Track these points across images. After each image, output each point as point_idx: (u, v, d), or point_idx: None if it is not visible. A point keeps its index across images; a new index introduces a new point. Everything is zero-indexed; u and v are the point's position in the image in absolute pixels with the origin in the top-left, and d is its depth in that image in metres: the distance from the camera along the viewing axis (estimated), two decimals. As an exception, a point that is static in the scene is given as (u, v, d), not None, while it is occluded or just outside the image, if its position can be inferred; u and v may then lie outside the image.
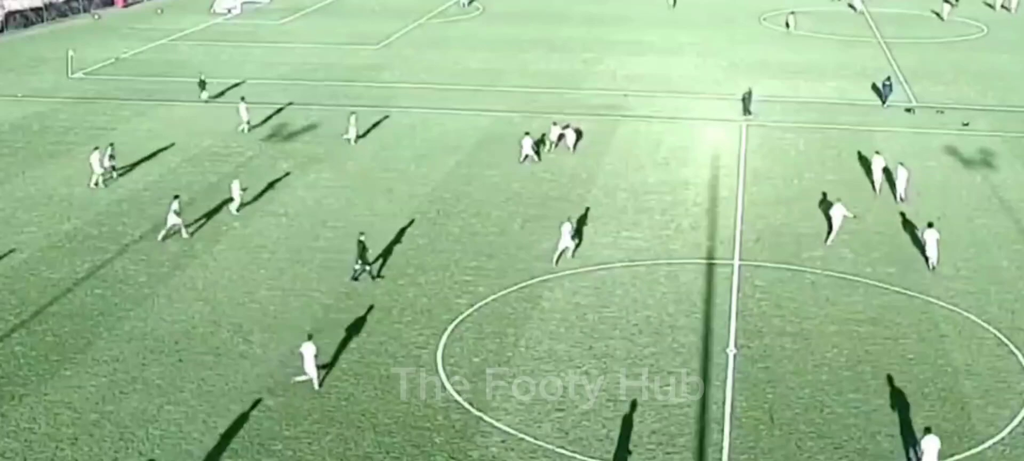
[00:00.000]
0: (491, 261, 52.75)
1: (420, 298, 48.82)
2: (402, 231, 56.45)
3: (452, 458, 36.95)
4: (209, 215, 58.32)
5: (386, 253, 53.56)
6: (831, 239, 55.28)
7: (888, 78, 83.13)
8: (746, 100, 78.67)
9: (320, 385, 41.35)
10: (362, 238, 50.77)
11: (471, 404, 40.19)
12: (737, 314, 47.57)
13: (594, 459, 36.98)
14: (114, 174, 64.14)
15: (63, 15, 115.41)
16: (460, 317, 46.99)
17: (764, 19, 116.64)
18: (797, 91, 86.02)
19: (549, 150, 69.28)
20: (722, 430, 38.78)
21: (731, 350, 44.42)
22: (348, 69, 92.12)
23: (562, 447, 37.62)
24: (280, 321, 46.45)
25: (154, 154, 68.48)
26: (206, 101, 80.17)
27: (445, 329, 45.88)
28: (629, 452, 37.43)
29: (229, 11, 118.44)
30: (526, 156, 67.29)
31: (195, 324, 46.14)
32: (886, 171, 64.05)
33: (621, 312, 47.62)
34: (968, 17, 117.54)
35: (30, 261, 52.41)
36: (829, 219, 56.39)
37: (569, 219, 55.00)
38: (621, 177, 64.89)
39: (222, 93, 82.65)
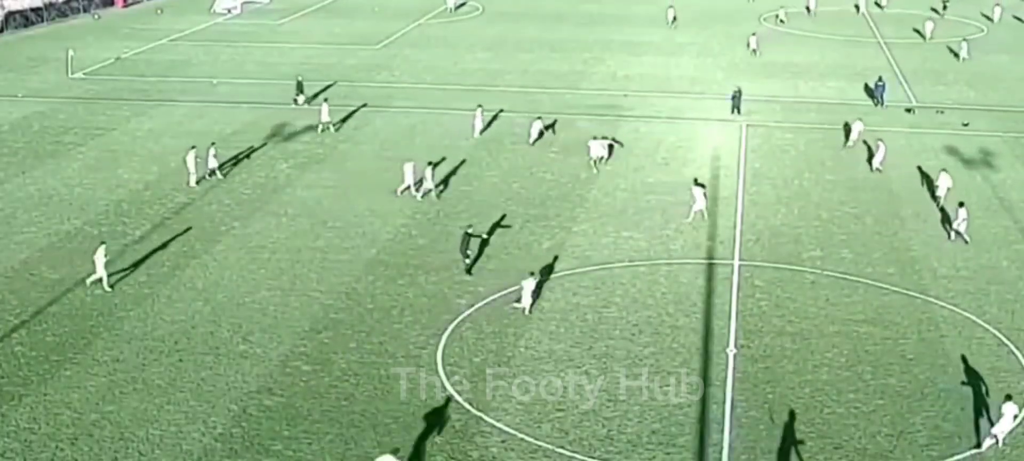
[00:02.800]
0: (491, 261, 52.74)
1: (420, 298, 48.82)
2: (403, 231, 56.47)
3: (452, 458, 36.96)
4: (210, 215, 58.35)
5: (386, 252, 53.63)
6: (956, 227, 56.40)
7: (880, 78, 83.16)
8: (736, 99, 78.72)
9: (529, 311, 46.94)
10: (469, 230, 51.43)
11: (471, 404, 40.20)
12: (737, 314, 47.59)
13: (594, 459, 36.99)
14: (219, 173, 64.18)
15: (63, 15, 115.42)
16: (460, 317, 46.99)
17: (764, 19, 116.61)
18: (797, 91, 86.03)
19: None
20: (722, 430, 38.79)
21: (731, 350, 44.43)
22: (348, 69, 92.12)
23: (562, 447, 37.62)
24: (280, 321, 46.46)
25: (155, 154, 68.49)
26: (302, 104, 79.66)
27: (445, 329, 45.88)
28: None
29: (229, 11, 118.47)
30: (535, 140, 69.94)
31: (195, 324, 46.14)
32: (866, 144, 69.05)
33: (621, 312, 47.63)
34: (966, 17, 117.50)
35: (30, 261, 52.41)
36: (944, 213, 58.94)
37: (696, 181, 60.14)
38: (621, 177, 64.88)
39: (315, 96, 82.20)
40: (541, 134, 71.70)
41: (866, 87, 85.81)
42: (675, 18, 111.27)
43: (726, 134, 74.01)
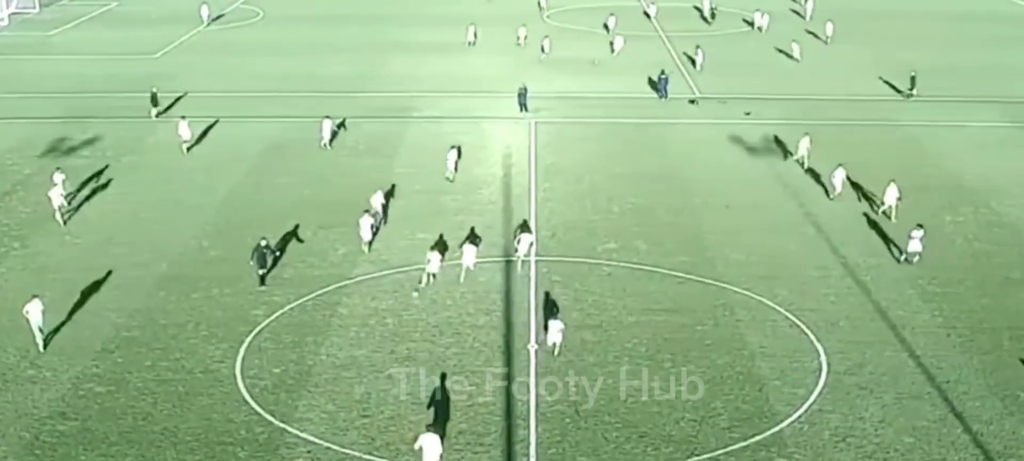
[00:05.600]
0: (286, 269, 51.86)
1: (215, 311, 47.70)
2: (193, 244, 55.11)
3: (257, 472, 36.23)
4: (-13, 236, 56.05)
5: (178, 266, 52.27)
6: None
7: (663, 71, 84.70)
8: (522, 96, 79.07)
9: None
10: (263, 243, 50.49)
11: (274, 416, 39.44)
12: (537, 309, 47.81)
13: (403, 464, 36.76)
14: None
15: None
16: (257, 328, 46.09)
17: (548, 18, 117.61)
18: (585, 87, 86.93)
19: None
20: (528, 425, 38.89)
21: (532, 346, 44.62)
22: (128, 80, 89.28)
23: (369, 454, 37.23)
24: (71, 342, 44.79)
25: (-76, 175, 65.48)
26: (156, 118, 76.41)
27: (243, 342, 44.93)
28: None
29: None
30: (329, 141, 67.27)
31: (-22, 351, 44.18)
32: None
33: (421, 314, 47.39)
34: (737, 8, 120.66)
35: None
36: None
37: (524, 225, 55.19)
38: (414, 179, 64.57)
39: (167, 109, 78.75)
40: (334, 135, 70.99)
41: (650, 80, 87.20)
42: (476, 36, 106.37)
43: (516, 132, 74.36)
